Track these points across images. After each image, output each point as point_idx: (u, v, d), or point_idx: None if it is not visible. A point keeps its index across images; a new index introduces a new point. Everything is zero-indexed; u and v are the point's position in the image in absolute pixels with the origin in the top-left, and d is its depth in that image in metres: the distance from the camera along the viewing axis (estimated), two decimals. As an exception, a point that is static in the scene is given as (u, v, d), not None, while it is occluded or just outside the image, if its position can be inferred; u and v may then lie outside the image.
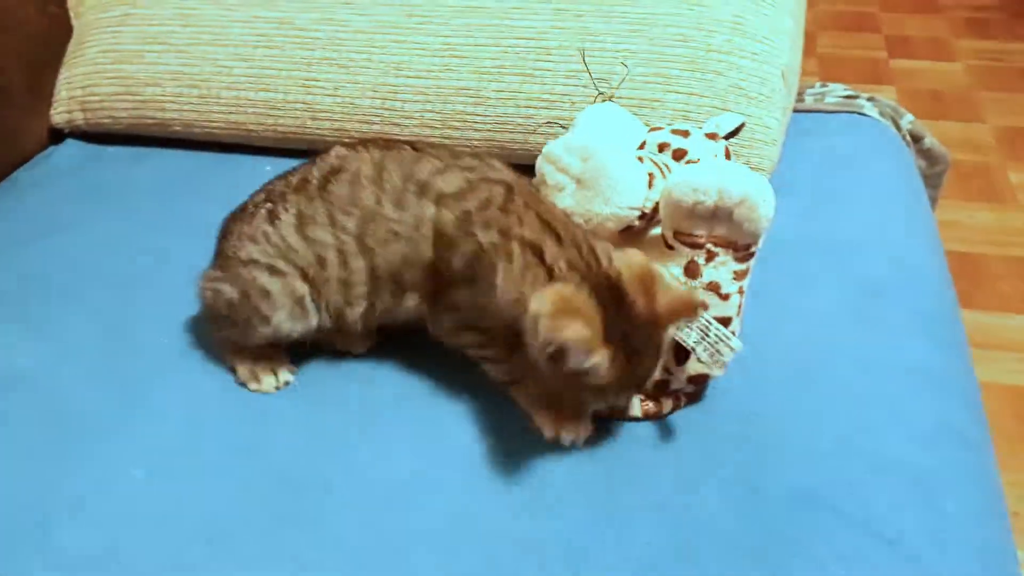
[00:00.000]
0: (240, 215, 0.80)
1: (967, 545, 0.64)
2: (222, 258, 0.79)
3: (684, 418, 0.74)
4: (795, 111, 1.20)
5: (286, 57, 1.10)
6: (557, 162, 0.78)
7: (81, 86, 1.15)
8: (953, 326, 0.85)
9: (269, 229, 0.76)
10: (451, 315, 0.74)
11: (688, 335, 0.69)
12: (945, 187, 2.16)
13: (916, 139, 1.26)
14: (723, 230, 0.70)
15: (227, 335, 0.79)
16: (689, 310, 0.66)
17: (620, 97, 0.98)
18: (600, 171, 0.74)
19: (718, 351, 0.68)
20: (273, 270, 0.75)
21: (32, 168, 1.15)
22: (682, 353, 0.72)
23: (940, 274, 0.93)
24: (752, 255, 0.72)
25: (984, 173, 2.25)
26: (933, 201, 1.32)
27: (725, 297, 0.72)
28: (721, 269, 0.71)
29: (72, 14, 1.23)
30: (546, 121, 1.00)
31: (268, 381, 0.79)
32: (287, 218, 0.76)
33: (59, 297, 0.90)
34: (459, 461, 0.71)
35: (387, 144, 0.78)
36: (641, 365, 0.66)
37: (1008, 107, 2.53)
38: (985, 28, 3.01)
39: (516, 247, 0.68)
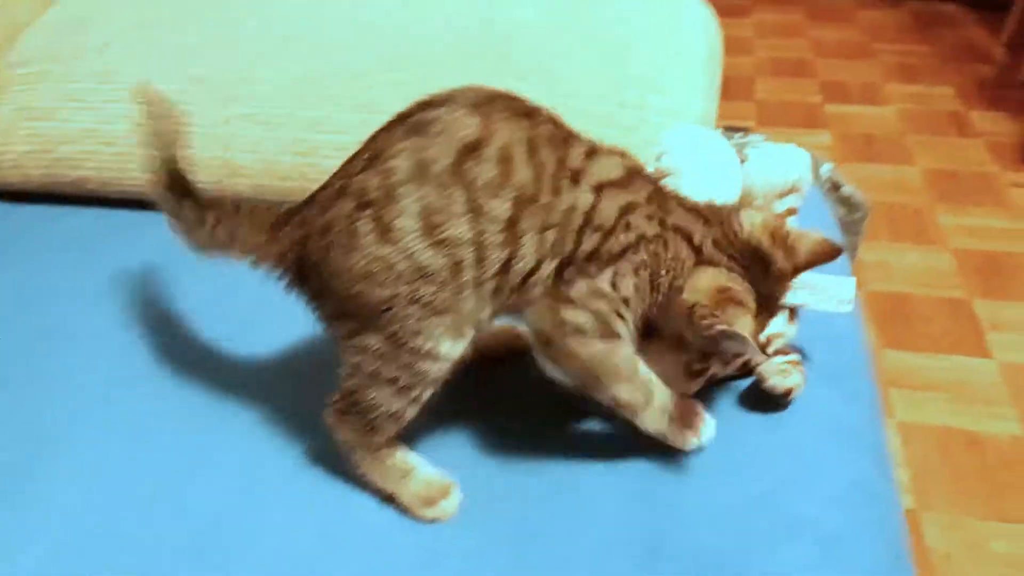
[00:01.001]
0: (325, 240, 0.65)
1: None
2: (337, 315, 0.67)
3: (589, 475, 0.73)
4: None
5: (204, 114, 1.09)
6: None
7: (-6, 143, 1.13)
8: (863, 380, 0.86)
9: (387, 251, 0.63)
10: (587, 309, 0.67)
11: (798, 296, 0.76)
12: (876, 228, 2.23)
13: (835, 187, 1.29)
14: (792, 200, 0.83)
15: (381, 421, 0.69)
16: (831, 250, 0.70)
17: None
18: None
19: (837, 296, 0.77)
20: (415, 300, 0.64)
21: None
22: (792, 315, 0.79)
23: (851, 326, 0.94)
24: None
25: (913, 215, 2.31)
26: (854, 247, 1.35)
27: None
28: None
29: (-11, 68, 1.21)
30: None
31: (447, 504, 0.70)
32: (406, 222, 0.63)
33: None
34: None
35: (526, 112, 0.67)
36: (771, 316, 0.71)
37: (936, 150, 2.61)
38: (914, 73, 3.12)
39: (671, 235, 0.68)
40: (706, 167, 0.77)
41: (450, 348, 0.67)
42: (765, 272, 0.69)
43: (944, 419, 1.67)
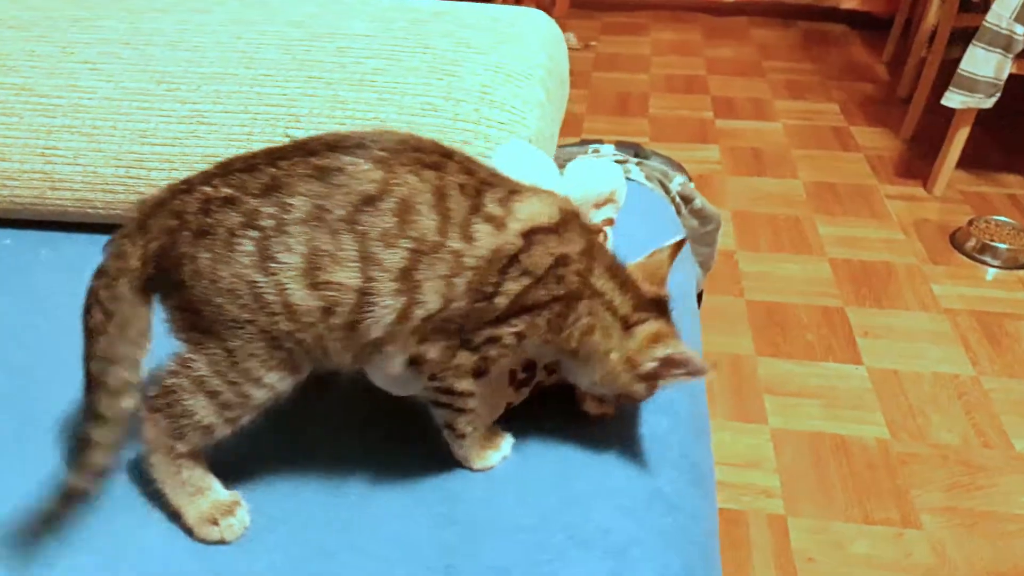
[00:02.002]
0: (200, 241, 0.63)
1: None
2: (186, 305, 0.64)
3: (387, 498, 0.71)
4: (565, 175, 1.23)
5: (24, 125, 1.04)
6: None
7: None
8: (677, 390, 0.86)
9: (260, 279, 0.62)
10: (478, 354, 0.67)
11: None
12: (759, 239, 2.29)
13: (687, 201, 1.31)
14: (609, 211, 0.85)
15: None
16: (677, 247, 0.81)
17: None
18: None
19: None
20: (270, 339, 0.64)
21: None
22: None
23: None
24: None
25: (795, 226, 2.38)
26: (710, 258, 1.37)
27: None
28: (611, 241, 0.86)
29: None
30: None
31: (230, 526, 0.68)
32: (289, 259, 0.62)
33: None
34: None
35: (433, 164, 0.66)
36: None
37: (818, 164, 2.70)
38: (801, 90, 3.22)
39: (599, 305, 0.70)
40: (531, 181, 0.77)
41: (279, 381, 0.67)
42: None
43: (815, 425, 1.71)
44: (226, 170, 0.66)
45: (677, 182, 1.29)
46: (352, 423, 0.76)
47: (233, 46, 1.08)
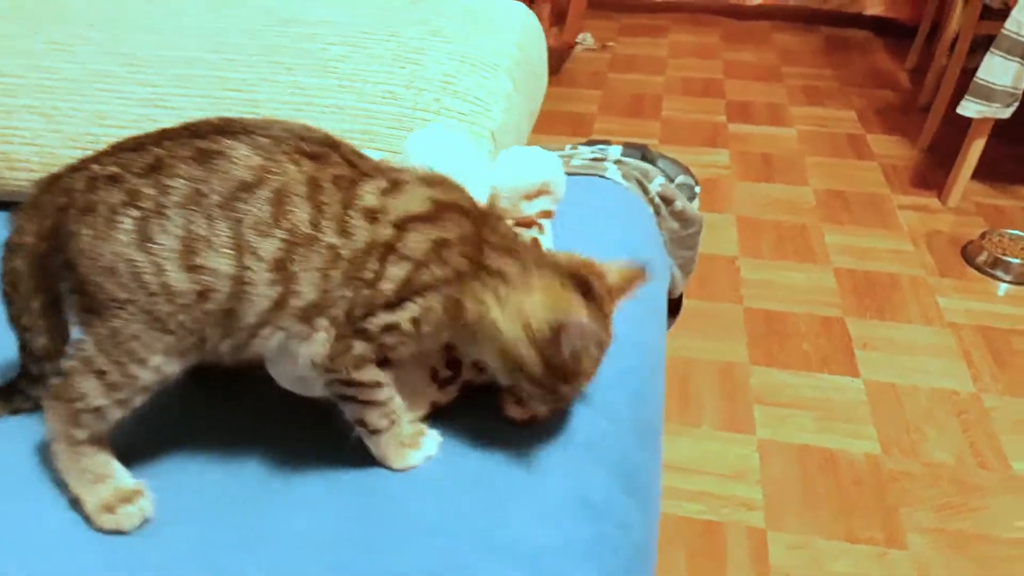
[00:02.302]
0: (84, 218, 0.63)
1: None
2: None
3: (303, 493, 0.69)
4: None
5: (-14, 105, 1.03)
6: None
7: None
8: (620, 394, 0.83)
9: (139, 257, 0.62)
10: (374, 343, 0.66)
11: None
12: (763, 247, 2.24)
13: (667, 202, 1.27)
14: (545, 202, 0.83)
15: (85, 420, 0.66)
16: (640, 276, 0.71)
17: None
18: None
19: None
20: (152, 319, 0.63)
21: None
22: None
23: (631, 335, 0.91)
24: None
25: (801, 234, 2.32)
26: (691, 261, 1.33)
27: None
28: (548, 237, 0.84)
29: None
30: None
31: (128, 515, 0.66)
32: (167, 241, 0.62)
33: None
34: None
35: (315, 155, 0.65)
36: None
37: (832, 172, 2.64)
38: (820, 96, 3.16)
39: (498, 283, 0.67)
40: (447, 169, 0.74)
41: (165, 364, 0.66)
42: (588, 297, 0.69)
43: (804, 437, 1.67)
44: (117, 149, 0.66)
45: (657, 183, 1.26)
46: (279, 415, 0.74)
47: (200, 30, 1.06)
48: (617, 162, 1.23)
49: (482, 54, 1.03)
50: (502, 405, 0.74)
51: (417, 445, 0.71)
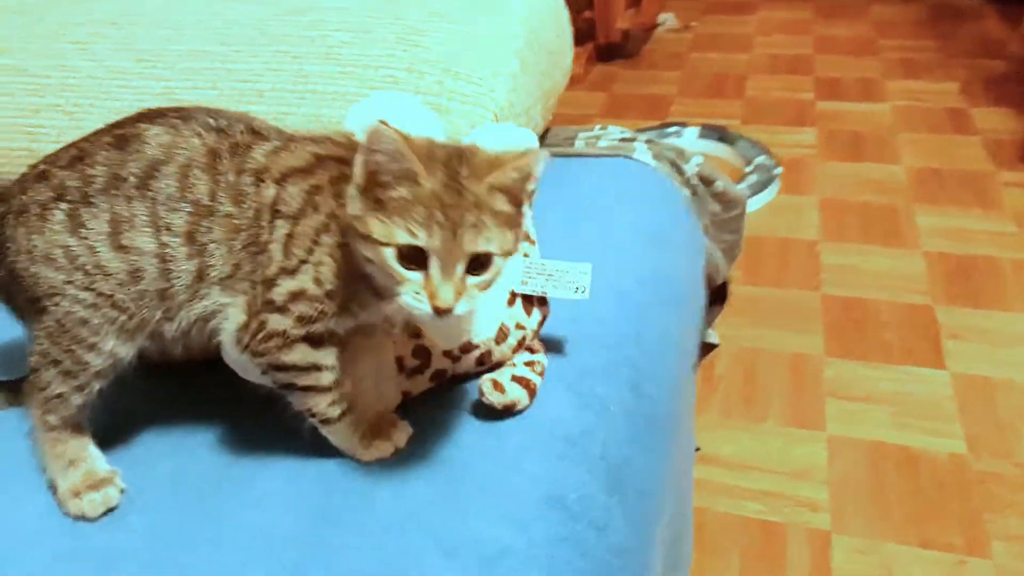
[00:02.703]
0: (18, 219, 0.66)
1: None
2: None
3: (265, 488, 0.67)
4: (561, 155, 1.15)
5: (14, 104, 1.07)
6: None
7: None
8: (612, 386, 0.77)
9: (72, 241, 0.64)
10: (290, 316, 0.63)
11: (536, 283, 0.72)
12: (847, 230, 2.09)
13: (707, 182, 1.19)
14: None
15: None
16: (535, 152, 0.60)
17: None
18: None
19: (572, 282, 0.72)
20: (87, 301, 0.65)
21: None
22: (529, 305, 0.74)
23: (628, 325, 0.85)
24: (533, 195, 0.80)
25: (890, 216, 2.17)
26: (735, 245, 1.24)
27: (533, 242, 0.80)
28: (527, 219, 0.76)
29: None
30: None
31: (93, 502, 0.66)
32: (96, 224, 0.64)
33: None
34: None
35: (219, 127, 0.66)
36: (461, 201, 0.57)
37: (926, 148, 2.45)
38: (918, 69, 2.95)
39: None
40: None
41: (115, 346, 0.67)
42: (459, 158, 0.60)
43: (880, 434, 1.54)
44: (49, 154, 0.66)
45: (694, 163, 1.18)
46: (245, 407, 0.72)
47: (210, 24, 1.07)
48: (648, 142, 1.16)
49: (487, 34, 0.98)
50: (480, 391, 0.70)
51: (387, 436, 0.68)
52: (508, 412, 0.71)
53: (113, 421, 0.72)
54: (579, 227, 0.97)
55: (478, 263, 0.59)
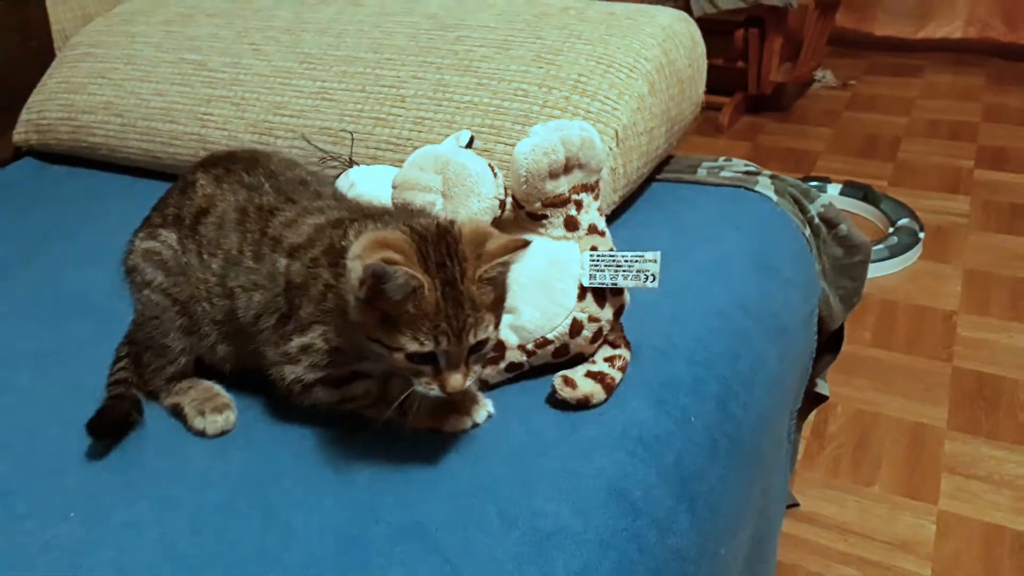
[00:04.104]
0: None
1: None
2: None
3: (356, 438, 0.72)
4: (682, 182, 1.17)
5: (193, 94, 1.20)
6: (416, 185, 0.77)
7: (37, 111, 1.32)
8: (697, 398, 0.78)
9: (145, 266, 0.79)
10: (302, 365, 0.71)
11: (604, 275, 0.75)
12: (992, 303, 1.98)
13: (830, 225, 1.18)
14: (579, 175, 0.77)
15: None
16: (518, 244, 0.65)
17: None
18: (462, 172, 0.76)
19: (641, 270, 0.74)
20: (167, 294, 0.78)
21: (-10, 178, 1.32)
22: (601, 297, 0.76)
23: (725, 346, 0.86)
24: (598, 187, 0.79)
25: (1041, 294, 2.03)
26: (854, 293, 1.22)
27: (603, 233, 0.79)
28: (592, 211, 0.78)
29: (57, 48, 1.41)
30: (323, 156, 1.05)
31: (214, 422, 0.75)
32: (165, 252, 0.78)
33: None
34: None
35: (251, 186, 0.77)
36: (461, 309, 0.63)
37: (1092, 227, 2.29)
38: (1096, 145, 2.76)
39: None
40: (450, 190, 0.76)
41: (185, 340, 0.78)
42: (442, 249, 0.64)
43: (997, 516, 1.45)
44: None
45: (819, 203, 1.17)
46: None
47: (369, 34, 1.17)
48: (773, 177, 1.17)
49: (619, 56, 1.03)
50: (552, 388, 0.74)
51: (467, 411, 0.72)
52: (583, 406, 0.74)
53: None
54: (689, 249, 0.99)
55: (476, 347, 0.65)
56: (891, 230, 2.28)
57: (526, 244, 0.64)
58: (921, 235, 2.26)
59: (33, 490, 0.70)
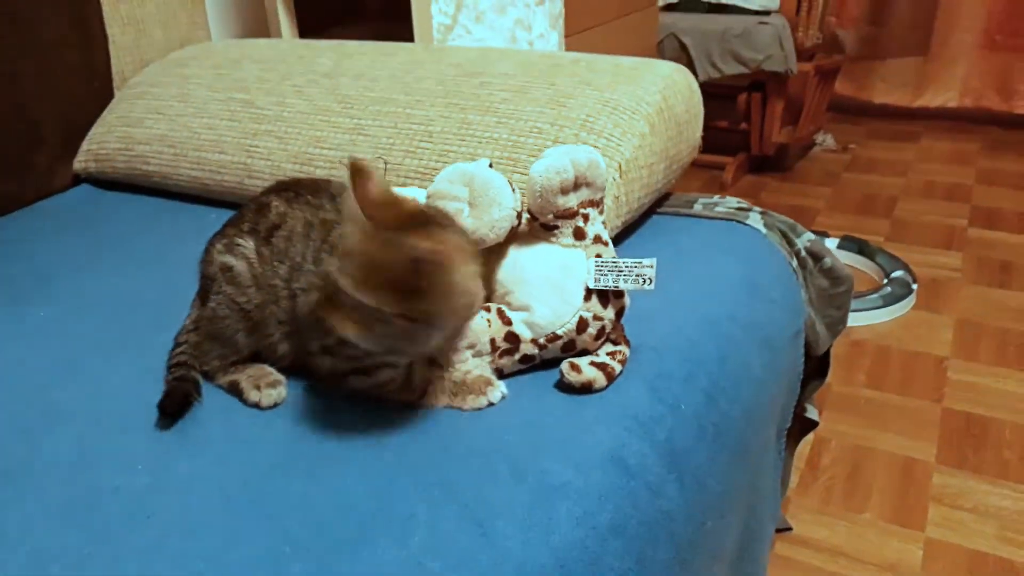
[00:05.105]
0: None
1: (546, 545, 0.68)
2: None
3: (385, 411, 0.83)
4: (679, 215, 1.29)
5: (240, 128, 1.34)
6: (446, 195, 0.88)
7: (97, 142, 1.46)
8: (696, 394, 0.89)
9: (233, 262, 0.89)
10: (339, 356, 0.82)
11: (607, 279, 0.85)
12: (980, 351, 2.07)
13: (816, 258, 1.29)
14: (586, 192, 0.88)
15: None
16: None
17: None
18: (486, 184, 0.86)
19: (640, 275, 0.85)
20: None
21: (53, 201, 1.45)
22: (604, 299, 0.87)
23: (716, 350, 0.96)
24: (602, 203, 0.91)
25: (1027, 344, 2.12)
26: (839, 321, 1.32)
27: (607, 243, 0.90)
28: (596, 224, 0.89)
29: (116, 88, 1.56)
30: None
31: (268, 395, 0.85)
32: (248, 252, 0.88)
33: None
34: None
35: (315, 205, 0.89)
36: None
37: (1079, 283, 2.39)
38: (1086, 207, 2.88)
39: None
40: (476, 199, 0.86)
41: (246, 340, 0.89)
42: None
43: (982, 544, 1.52)
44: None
45: (806, 238, 1.28)
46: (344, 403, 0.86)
47: (401, 79, 1.30)
48: (763, 213, 1.28)
49: (624, 100, 1.16)
50: (560, 372, 0.84)
51: (482, 392, 0.83)
52: (586, 390, 0.84)
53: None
54: (684, 269, 1.10)
55: None
56: (885, 281, 2.39)
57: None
58: (914, 286, 2.36)
59: (103, 448, 0.80)
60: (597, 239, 0.89)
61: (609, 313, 0.87)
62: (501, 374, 0.87)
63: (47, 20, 1.42)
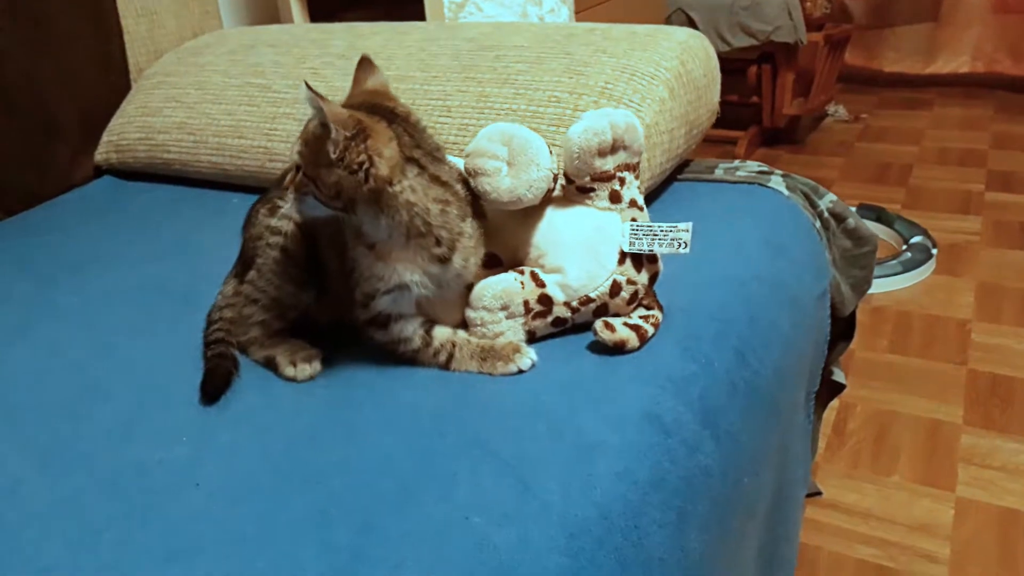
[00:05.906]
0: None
1: (588, 499, 0.68)
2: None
3: (420, 376, 0.83)
4: (700, 181, 1.29)
5: (259, 112, 1.35)
6: (486, 153, 0.87)
7: (117, 133, 1.47)
8: (725, 351, 0.89)
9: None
10: (360, 308, 0.85)
11: (642, 243, 0.86)
12: (1004, 312, 2.06)
13: (839, 219, 1.28)
14: (623, 155, 0.88)
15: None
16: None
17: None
18: (525, 144, 0.86)
19: (675, 239, 0.85)
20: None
21: (75, 194, 1.46)
22: (638, 263, 0.87)
23: (744, 308, 0.96)
24: (638, 167, 0.91)
25: (1053, 303, 2.11)
26: (864, 281, 1.32)
27: (642, 208, 0.90)
28: (632, 188, 0.90)
29: (133, 79, 1.57)
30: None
31: (303, 369, 0.86)
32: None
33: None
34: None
35: None
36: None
37: (1100, 241, 2.37)
38: (1102, 166, 2.85)
39: None
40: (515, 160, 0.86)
41: (295, 295, 0.90)
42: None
43: (1011, 501, 1.52)
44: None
45: (828, 200, 1.28)
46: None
47: (416, 56, 1.31)
48: (784, 175, 1.28)
49: (641, 66, 1.15)
50: (593, 330, 0.84)
51: (510, 359, 0.83)
52: (619, 350, 0.84)
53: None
54: (709, 232, 1.09)
55: None
56: (904, 247, 2.38)
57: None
58: (934, 251, 2.35)
59: (146, 423, 0.81)
60: (632, 203, 0.89)
61: (643, 278, 0.88)
62: (534, 336, 0.88)
63: (63, 15, 1.44)
